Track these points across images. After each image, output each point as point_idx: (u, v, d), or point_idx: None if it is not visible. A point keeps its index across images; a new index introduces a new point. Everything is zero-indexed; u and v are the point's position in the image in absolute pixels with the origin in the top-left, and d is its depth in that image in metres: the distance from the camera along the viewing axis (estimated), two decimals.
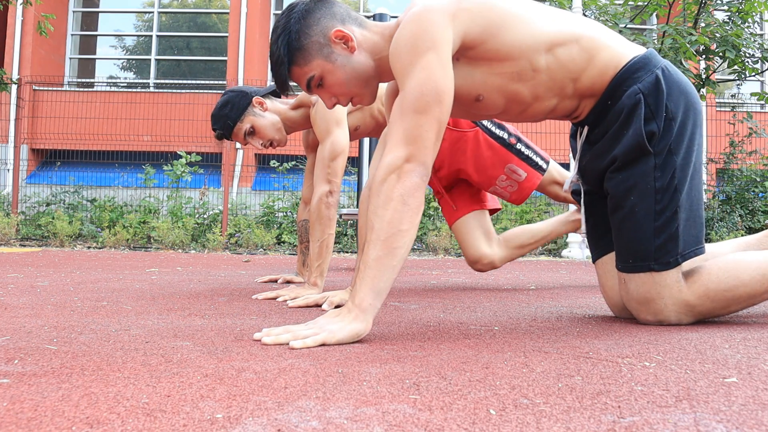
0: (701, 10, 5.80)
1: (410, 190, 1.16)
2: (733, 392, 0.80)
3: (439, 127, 1.19)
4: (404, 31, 1.20)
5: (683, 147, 1.33)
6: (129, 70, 11.55)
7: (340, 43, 1.30)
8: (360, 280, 1.16)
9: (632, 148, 1.32)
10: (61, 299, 1.78)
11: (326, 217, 1.92)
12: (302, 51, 1.29)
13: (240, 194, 7.96)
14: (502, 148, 2.20)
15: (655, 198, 1.31)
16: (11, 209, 6.95)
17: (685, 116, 1.33)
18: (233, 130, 2.10)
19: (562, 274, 3.17)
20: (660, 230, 1.31)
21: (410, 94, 1.18)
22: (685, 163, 1.33)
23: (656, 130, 1.31)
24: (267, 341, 1.12)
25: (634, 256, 1.35)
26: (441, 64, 1.18)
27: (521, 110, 1.37)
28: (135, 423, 0.65)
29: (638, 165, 1.32)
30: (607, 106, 1.35)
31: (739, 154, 6.73)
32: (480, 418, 0.68)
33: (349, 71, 1.31)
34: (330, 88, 1.34)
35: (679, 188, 1.31)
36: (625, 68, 1.33)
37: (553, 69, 1.30)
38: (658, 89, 1.31)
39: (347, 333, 1.13)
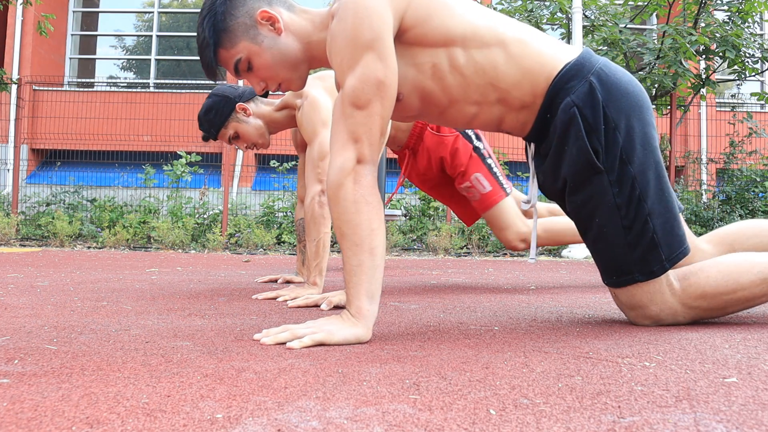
0: (701, 10, 5.80)
1: (369, 190, 1.16)
2: (733, 392, 0.80)
3: (382, 121, 1.16)
4: (341, 24, 1.15)
5: (636, 152, 1.25)
6: (129, 70, 11.55)
7: (266, 25, 1.27)
8: (352, 288, 1.15)
9: (581, 168, 1.26)
10: (61, 299, 1.78)
11: (320, 216, 1.93)
12: (228, 32, 1.27)
13: (240, 194, 7.96)
14: (476, 157, 2.33)
15: (620, 214, 1.25)
16: (11, 209, 6.95)
17: (629, 119, 1.25)
18: (218, 135, 2.19)
19: (562, 274, 3.17)
20: (634, 244, 1.26)
21: (350, 90, 1.15)
22: (644, 167, 1.25)
23: (599, 145, 1.23)
24: (266, 341, 1.12)
25: (617, 272, 1.31)
26: (383, 58, 1.14)
27: (438, 113, 1.31)
28: (135, 423, 0.65)
29: (592, 184, 1.25)
30: (547, 120, 1.29)
31: (739, 154, 6.73)
32: (480, 418, 0.68)
33: (276, 54, 1.28)
34: (257, 72, 1.31)
35: (644, 197, 1.25)
36: (557, 78, 1.25)
37: (469, 71, 1.23)
38: (593, 99, 1.23)
39: (348, 334, 1.13)
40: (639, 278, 1.28)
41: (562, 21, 6.30)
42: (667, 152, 6.30)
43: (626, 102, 1.26)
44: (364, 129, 1.15)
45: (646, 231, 1.25)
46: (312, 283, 1.93)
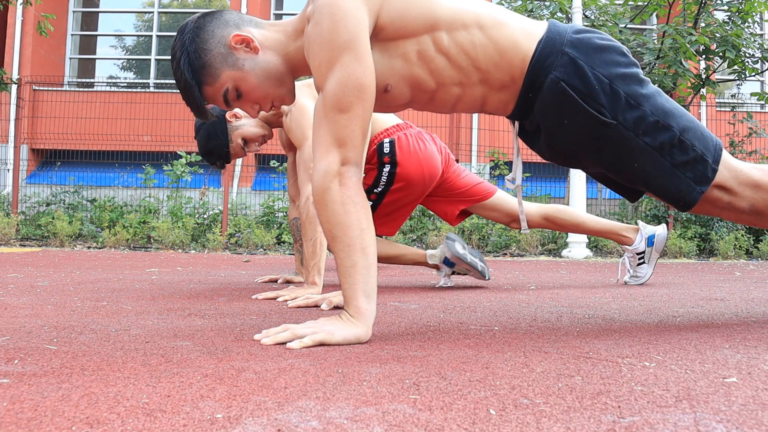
0: (701, 10, 5.80)
1: (354, 191, 1.17)
2: (733, 392, 0.80)
3: (363, 123, 1.17)
4: (317, 27, 1.15)
5: (637, 90, 1.26)
6: (129, 70, 11.55)
7: (242, 48, 1.26)
8: (348, 289, 1.16)
9: (593, 132, 1.26)
10: (61, 299, 1.78)
11: (315, 215, 1.93)
12: (207, 68, 1.25)
13: (240, 194, 7.96)
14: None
15: (656, 150, 1.26)
16: (11, 209, 6.95)
17: (616, 67, 1.26)
18: (230, 153, 2.18)
19: (562, 274, 3.17)
20: (683, 164, 1.27)
21: (331, 94, 1.15)
22: (652, 99, 1.26)
23: (600, 105, 1.24)
24: (266, 342, 1.12)
25: (681, 197, 1.31)
26: (360, 59, 1.14)
27: (428, 99, 1.31)
28: (135, 423, 0.65)
29: (613, 140, 1.26)
30: (529, 99, 1.29)
31: (739, 154, 6.73)
32: (480, 418, 0.68)
33: (260, 73, 1.27)
34: (247, 96, 1.30)
35: (667, 123, 1.26)
36: (534, 58, 1.25)
37: (454, 52, 1.24)
38: (577, 67, 1.24)
39: (348, 334, 1.13)
40: (700, 190, 1.29)
41: (562, 21, 6.30)
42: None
43: (607, 56, 1.26)
44: (347, 132, 1.16)
45: (686, 149, 1.27)
46: (311, 283, 1.94)
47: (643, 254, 2.44)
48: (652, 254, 2.44)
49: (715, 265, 4.43)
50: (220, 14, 1.28)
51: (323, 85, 1.17)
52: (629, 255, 2.45)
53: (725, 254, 5.51)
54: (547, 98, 1.26)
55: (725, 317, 1.53)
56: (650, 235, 2.42)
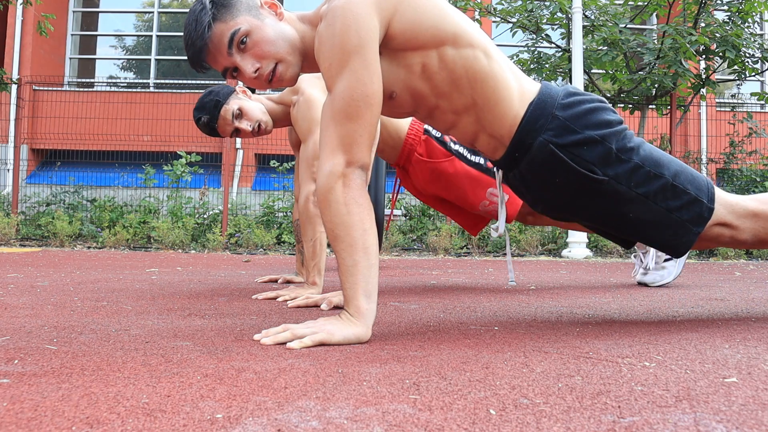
0: (701, 10, 5.80)
1: (358, 192, 1.18)
2: (733, 392, 0.80)
3: (371, 128, 1.19)
4: (330, 29, 1.16)
5: (625, 143, 1.28)
6: (129, 70, 11.55)
7: (268, 9, 1.29)
8: (349, 289, 1.16)
9: (584, 188, 1.28)
10: (61, 299, 1.78)
11: (315, 215, 1.93)
12: (229, 7, 1.25)
13: (240, 194, 7.96)
14: (481, 174, 2.13)
15: (649, 197, 1.28)
16: (11, 209, 6.95)
17: (605, 126, 1.28)
18: (221, 111, 2.04)
19: (562, 274, 3.17)
20: (678, 209, 1.30)
21: (340, 99, 1.17)
22: (640, 150, 1.29)
23: (591, 164, 1.26)
24: (266, 342, 1.13)
25: (677, 240, 1.34)
26: (368, 65, 1.16)
27: (427, 113, 1.34)
28: (135, 423, 0.65)
29: (606, 194, 1.28)
30: (516, 158, 1.33)
31: (739, 154, 6.74)
32: (480, 418, 0.68)
33: (278, 31, 1.27)
34: (254, 47, 1.26)
35: (658, 170, 1.28)
36: (524, 119, 1.28)
37: (457, 68, 1.24)
38: (566, 130, 1.27)
39: (348, 334, 1.13)
40: (698, 230, 1.32)
41: (562, 21, 6.30)
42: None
43: (596, 116, 1.29)
44: (355, 136, 1.17)
45: (680, 193, 1.30)
46: (311, 283, 1.93)
47: None
48: None
49: (715, 265, 4.43)
50: None
51: (332, 87, 1.18)
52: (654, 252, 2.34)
53: (725, 254, 5.51)
54: (536, 159, 1.29)
55: (725, 317, 1.53)
56: None
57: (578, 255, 5.34)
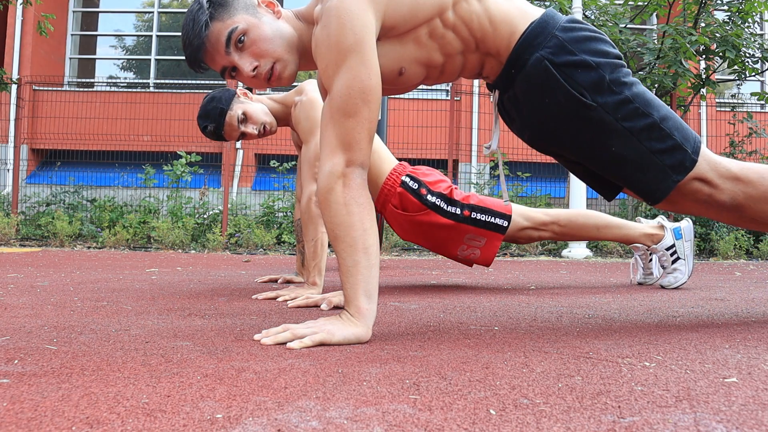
0: (701, 10, 5.80)
1: (358, 191, 1.18)
2: (733, 392, 0.80)
3: (370, 125, 1.19)
4: (325, 30, 1.17)
5: (619, 76, 1.28)
6: (129, 70, 11.56)
7: (265, 7, 1.30)
8: (349, 289, 1.17)
9: (572, 112, 1.28)
10: (61, 299, 1.78)
11: (317, 215, 1.93)
12: (226, 6, 1.26)
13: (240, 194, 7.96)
14: (458, 224, 2.13)
15: (633, 134, 1.27)
16: (11, 209, 6.95)
17: (601, 54, 1.28)
18: (226, 118, 2.05)
19: (562, 274, 3.17)
20: (661, 151, 1.29)
21: (338, 98, 1.17)
22: (632, 86, 1.29)
23: (581, 87, 1.26)
24: (266, 342, 1.13)
25: (656, 186, 1.32)
26: (365, 62, 1.16)
27: (439, 73, 1.35)
28: (135, 423, 0.65)
29: (592, 121, 1.27)
30: (512, 74, 1.32)
31: (739, 154, 6.73)
32: (480, 418, 0.68)
33: (276, 30, 1.28)
34: (253, 46, 1.27)
35: (647, 109, 1.28)
36: (523, 36, 1.29)
37: (458, 25, 1.27)
38: (564, 49, 1.27)
39: (348, 334, 1.13)
40: (676, 178, 1.30)
41: None
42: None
43: (594, 44, 1.29)
44: (354, 135, 1.17)
45: (665, 136, 1.28)
46: (312, 283, 1.93)
47: (674, 248, 2.27)
48: (686, 246, 2.27)
49: (715, 265, 4.43)
50: None
51: (330, 86, 1.19)
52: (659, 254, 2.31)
53: (725, 254, 5.51)
54: (530, 75, 1.29)
55: (725, 317, 1.53)
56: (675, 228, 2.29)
57: (578, 255, 5.34)
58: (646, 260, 2.40)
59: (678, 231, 2.29)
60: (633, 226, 2.33)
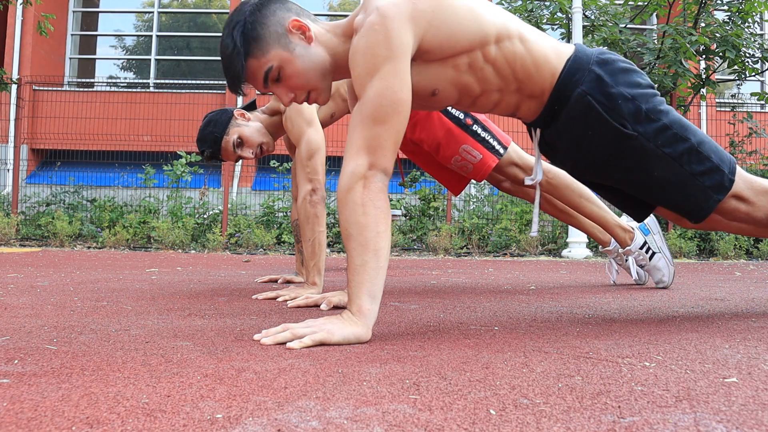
0: (701, 10, 5.80)
1: (377, 194, 1.20)
2: (733, 392, 0.80)
3: (397, 135, 1.22)
4: (363, 40, 1.21)
5: (655, 105, 1.35)
6: (129, 70, 11.56)
7: (297, 34, 1.30)
8: (354, 288, 1.17)
9: (614, 143, 1.35)
10: (61, 299, 1.78)
11: (313, 215, 1.94)
12: (259, 41, 1.28)
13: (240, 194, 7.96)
14: (457, 128, 2.13)
15: (675, 159, 1.35)
16: (11, 209, 6.96)
17: (635, 87, 1.35)
18: (221, 144, 2.11)
19: (562, 274, 3.17)
20: (701, 173, 1.36)
21: (369, 104, 1.20)
22: (669, 113, 1.36)
23: (622, 118, 1.33)
24: (266, 341, 1.13)
25: (698, 206, 1.40)
26: (398, 74, 1.20)
27: (471, 102, 1.40)
28: (135, 423, 0.65)
29: (635, 150, 1.35)
30: (555, 111, 1.39)
31: (739, 154, 6.73)
32: (480, 418, 0.68)
33: (308, 62, 1.31)
34: (288, 80, 1.32)
35: (684, 134, 1.35)
36: (563, 73, 1.35)
37: (499, 62, 1.32)
38: (601, 84, 1.34)
39: (348, 334, 1.13)
40: (717, 198, 1.39)
41: (562, 21, 6.30)
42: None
43: (628, 76, 1.37)
44: (380, 140, 1.21)
45: (703, 159, 1.36)
46: (311, 283, 1.94)
47: (647, 245, 2.28)
48: (656, 239, 2.28)
49: (715, 265, 4.43)
50: (284, 0, 1.34)
51: (362, 92, 1.22)
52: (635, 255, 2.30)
53: (725, 254, 5.51)
54: (573, 111, 1.36)
55: (725, 317, 1.54)
56: (640, 225, 2.30)
57: (578, 255, 5.34)
58: (622, 261, 2.39)
59: (644, 227, 2.30)
60: (612, 215, 2.32)
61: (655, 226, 2.30)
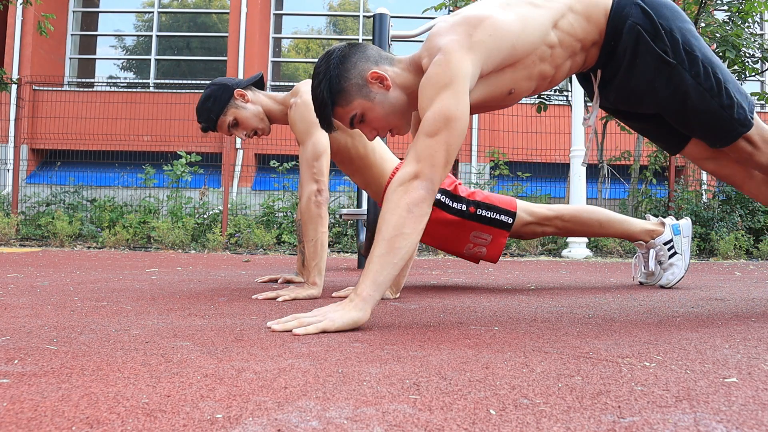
0: (701, 10, 5.80)
1: (416, 201, 1.30)
2: (733, 392, 0.80)
3: (448, 147, 1.32)
4: (430, 74, 1.34)
5: (692, 41, 1.48)
6: (129, 70, 11.56)
7: (376, 83, 1.43)
8: (364, 273, 1.29)
9: (658, 69, 1.48)
10: (61, 299, 1.78)
11: (317, 215, 1.93)
12: (343, 93, 1.42)
13: (240, 194, 7.96)
14: (462, 221, 2.14)
15: (706, 91, 1.47)
16: (11, 209, 6.96)
17: (676, 21, 1.49)
18: (217, 122, 2.14)
19: (562, 274, 3.17)
20: (727, 106, 1.49)
21: (426, 122, 1.32)
22: (703, 50, 1.49)
23: (665, 46, 1.46)
24: (276, 328, 1.24)
25: (724, 133, 1.53)
26: (454, 95, 1.31)
27: (548, 83, 1.54)
28: (135, 423, 0.65)
29: (673, 78, 1.48)
30: (612, 47, 1.51)
31: None
32: (480, 418, 0.68)
33: (387, 107, 1.45)
34: (371, 123, 1.47)
35: (714, 70, 1.48)
36: (612, 11, 1.48)
37: (563, 39, 1.47)
38: (647, 16, 1.47)
39: (347, 320, 1.25)
40: (742, 130, 1.52)
41: None
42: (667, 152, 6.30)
43: (669, 10, 1.50)
44: (429, 152, 1.31)
45: (729, 95, 1.49)
46: (312, 283, 1.93)
47: (671, 242, 2.28)
48: (683, 242, 2.29)
49: (715, 265, 4.43)
50: (364, 48, 1.47)
51: (424, 115, 1.33)
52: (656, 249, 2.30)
53: (725, 254, 5.51)
54: (626, 41, 1.48)
55: (725, 317, 1.54)
56: (673, 224, 2.30)
57: (578, 255, 5.34)
58: (647, 257, 2.39)
59: (677, 227, 2.30)
60: (634, 222, 2.33)
61: (688, 231, 2.32)
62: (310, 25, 11.41)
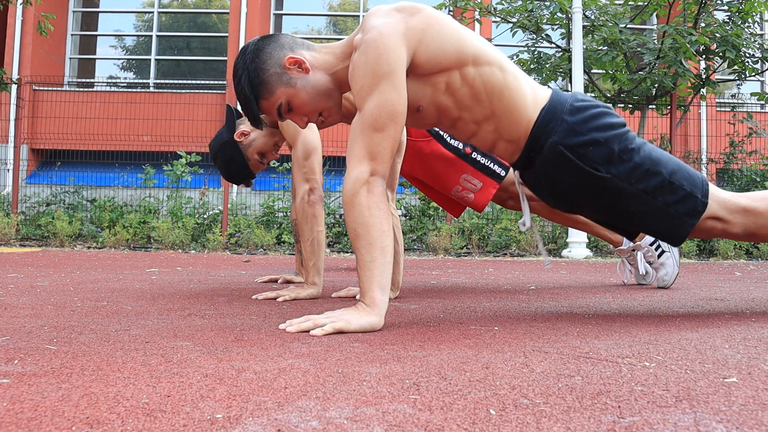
0: (701, 10, 5.79)
1: (380, 198, 1.32)
2: (733, 392, 0.80)
3: (393, 143, 1.33)
4: (363, 56, 1.32)
5: (627, 145, 1.41)
6: (129, 70, 11.55)
7: (294, 68, 1.42)
8: (366, 282, 1.29)
9: (589, 185, 1.42)
10: (61, 299, 1.78)
11: (312, 215, 1.94)
12: (264, 85, 1.42)
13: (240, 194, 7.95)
14: (457, 159, 2.16)
15: (648, 193, 1.41)
16: (11, 209, 6.95)
17: (607, 129, 1.41)
18: (253, 171, 2.17)
19: (562, 274, 3.17)
20: (675, 202, 1.43)
21: (369, 115, 1.31)
22: (640, 150, 1.41)
23: (595, 162, 1.39)
24: (290, 330, 1.25)
25: (675, 231, 1.48)
26: (395, 87, 1.30)
27: (450, 124, 1.47)
28: (135, 423, 0.65)
29: (609, 190, 1.42)
30: (531, 157, 1.46)
31: (739, 154, 6.73)
32: (480, 418, 0.68)
33: (311, 90, 1.43)
34: (299, 110, 1.46)
35: (656, 168, 1.41)
36: (537, 123, 1.42)
37: (477, 85, 1.38)
38: (574, 132, 1.40)
39: (364, 323, 1.26)
40: (692, 222, 1.46)
41: (562, 21, 6.29)
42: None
43: (600, 120, 1.42)
44: (380, 148, 1.32)
45: (676, 189, 1.43)
46: (311, 283, 1.94)
47: (657, 242, 2.28)
48: None
49: (715, 265, 4.43)
50: (277, 38, 1.45)
51: (362, 105, 1.33)
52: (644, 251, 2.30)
53: (725, 254, 5.51)
54: (548, 159, 1.43)
55: (725, 317, 1.54)
56: None
57: (578, 255, 5.34)
58: (633, 259, 2.39)
59: None
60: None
61: None
62: (310, 25, 11.42)
